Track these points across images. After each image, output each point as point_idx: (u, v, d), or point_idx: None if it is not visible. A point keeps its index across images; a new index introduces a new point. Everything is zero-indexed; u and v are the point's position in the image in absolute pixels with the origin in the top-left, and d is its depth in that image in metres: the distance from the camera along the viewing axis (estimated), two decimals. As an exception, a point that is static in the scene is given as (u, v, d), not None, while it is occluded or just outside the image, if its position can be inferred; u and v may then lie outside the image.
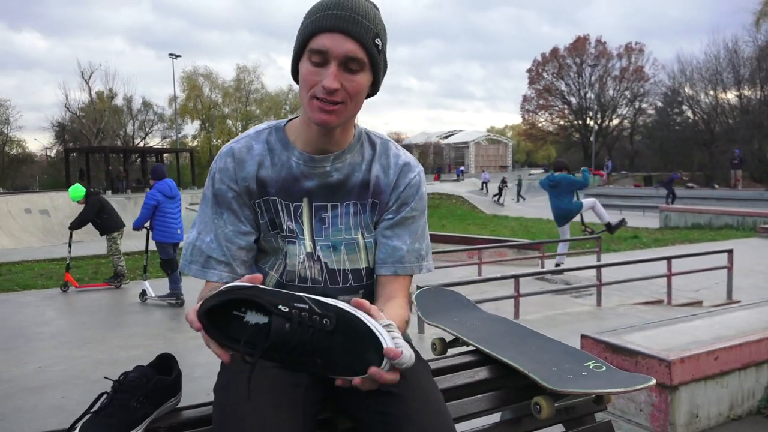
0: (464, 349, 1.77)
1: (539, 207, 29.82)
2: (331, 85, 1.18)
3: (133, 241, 11.29)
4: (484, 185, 39.68)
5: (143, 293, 7.48)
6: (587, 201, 9.28)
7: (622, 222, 9.69)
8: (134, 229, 7.56)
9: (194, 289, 8.17)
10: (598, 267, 6.50)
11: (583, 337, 3.41)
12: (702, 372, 3.07)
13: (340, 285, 1.37)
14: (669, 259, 6.72)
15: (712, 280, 8.10)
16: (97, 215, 8.55)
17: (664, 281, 6.98)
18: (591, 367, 1.49)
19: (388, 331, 1.04)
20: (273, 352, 1.00)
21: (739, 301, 6.89)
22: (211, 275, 1.33)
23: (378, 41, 1.23)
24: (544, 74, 61.43)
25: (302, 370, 1.06)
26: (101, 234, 8.75)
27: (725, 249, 7.21)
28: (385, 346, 1.00)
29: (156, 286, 7.67)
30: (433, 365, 1.50)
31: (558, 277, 8.03)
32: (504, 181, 33.42)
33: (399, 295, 1.35)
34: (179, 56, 45.04)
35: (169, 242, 7.35)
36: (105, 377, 1.28)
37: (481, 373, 1.55)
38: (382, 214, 1.39)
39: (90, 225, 8.61)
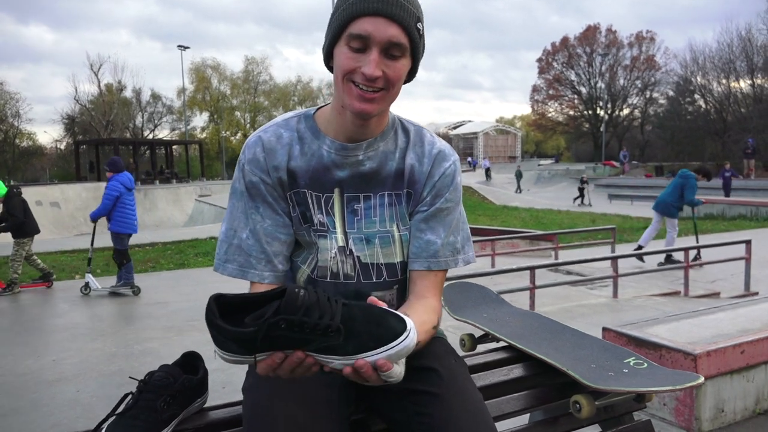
0: (494, 345, 1.71)
1: (549, 197, 29.70)
2: (373, 73, 1.12)
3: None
4: (488, 172, 39.54)
5: (86, 286, 7.51)
6: (672, 233, 9.24)
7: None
8: (92, 220, 7.58)
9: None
10: (614, 258, 6.42)
11: (604, 330, 3.34)
12: (728, 366, 3.01)
13: (374, 280, 1.30)
14: (686, 249, 6.63)
15: (728, 272, 8.00)
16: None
17: (679, 272, 6.90)
18: (632, 363, 1.42)
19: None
20: (291, 324, 0.95)
21: (757, 293, 6.80)
22: (252, 275, 1.27)
23: (420, 25, 1.17)
24: (554, 64, 60.99)
25: (322, 344, 1.00)
26: (14, 237, 8.04)
27: (743, 240, 7.10)
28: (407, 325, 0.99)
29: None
30: (465, 361, 1.45)
31: (574, 267, 7.93)
32: (584, 180, 27.59)
33: (430, 294, 1.29)
34: (188, 48, 45.05)
35: (128, 233, 7.52)
36: (130, 377, 1.23)
37: (515, 371, 1.49)
38: (417, 205, 1.32)
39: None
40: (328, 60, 1.23)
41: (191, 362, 1.32)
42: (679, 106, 46.61)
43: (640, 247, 8.99)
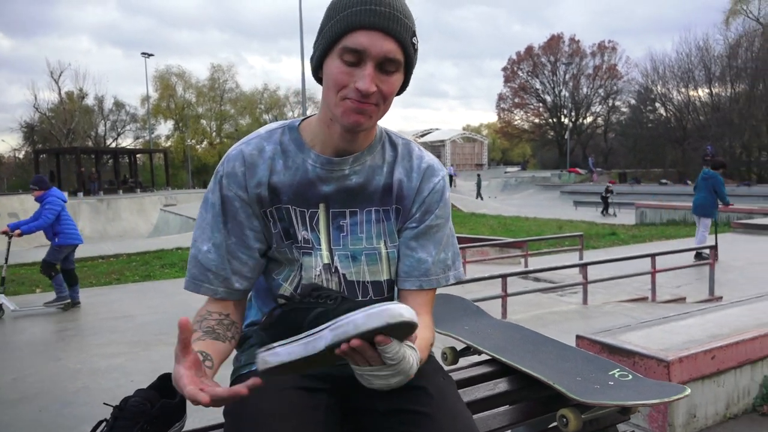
0: (477, 358, 1.69)
1: (517, 205, 30.06)
2: (368, 88, 1.08)
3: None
4: (451, 179, 39.87)
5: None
6: (704, 233, 9.49)
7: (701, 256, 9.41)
8: (25, 233, 7.25)
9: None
10: (584, 265, 6.49)
11: (578, 337, 3.36)
12: (700, 371, 3.05)
13: (360, 298, 1.26)
14: (653, 256, 6.74)
15: (692, 276, 8.18)
16: None
17: (646, 278, 7.02)
18: (616, 375, 1.42)
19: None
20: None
21: (721, 297, 6.95)
22: (205, 289, 1.22)
23: (414, 40, 1.14)
24: (519, 72, 61.88)
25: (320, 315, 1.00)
26: None
27: (707, 246, 7.26)
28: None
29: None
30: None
31: (545, 275, 8.01)
32: (609, 190, 26.16)
33: (423, 311, 1.26)
34: (152, 55, 44.43)
35: (77, 243, 7.40)
36: (105, 403, 1.17)
37: (501, 385, 1.47)
38: (405, 221, 1.29)
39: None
40: (317, 71, 1.19)
41: (168, 385, 1.26)
42: (640, 114, 47.74)
43: (699, 254, 9.14)
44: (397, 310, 0.92)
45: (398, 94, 1.21)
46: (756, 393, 3.27)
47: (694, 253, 8.99)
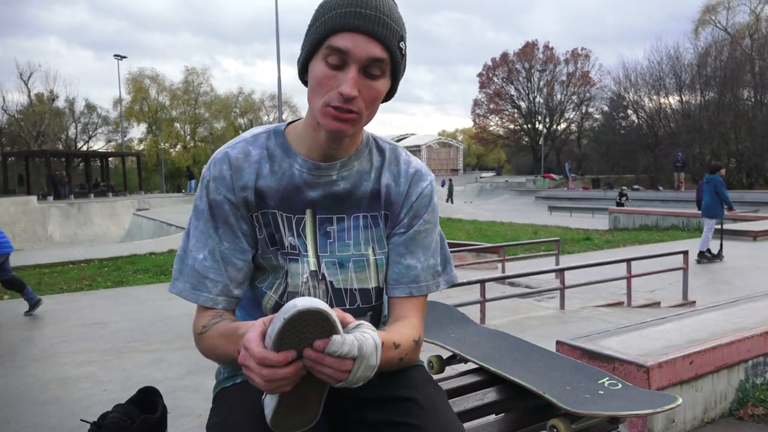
0: (463, 366, 1.67)
1: (492, 210, 30.22)
2: (350, 93, 1.05)
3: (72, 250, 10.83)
4: None
5: None
6: (708, 234, 10.42)
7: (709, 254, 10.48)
8: None
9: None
10: (561, 270, 6.53)
11: (558, 343, 3.36)
12: (678, 377, 3.06)
13: (347, 306, 1.23)
14: (629, 261, 6.81)
15: (665, 281, 8.28)
16: None
17: (621, 283, 7.08)
18: (606, 384, 1.40)
19: (354, 327, 0.94)
20: None
21: (695, 302, 7.05)
22: (204, 299, 1.18)
23: (402, 45, 1.12)
24: (495, 79, 62.49)
25: None
26: None
27: (680, 251, 7.36)
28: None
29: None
30: (437, 387, 1.39)
31: (522, 280, 8.04)
32: (623, 194, 25.75)
33: (411, 314, 1.24)
34: (125, 57, 43.92)
35: (7, 252, 7.06)
36: (82, 420, 1.11)
37: (490, 395, 1.45)
38: (394, 227, 1.26)
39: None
40: (303, 74, 1.16)
41: (148, 399, 1.21)
42: (613, 120, 48.47)
43: (701, 253, 10.26)
44: (290, 304, 0.87)
45: (386, 100, 1.19)
46: (732, 397, 3.31)
47: (696, 254, 10.06)
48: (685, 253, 7.32)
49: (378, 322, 1.31)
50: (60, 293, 9.14)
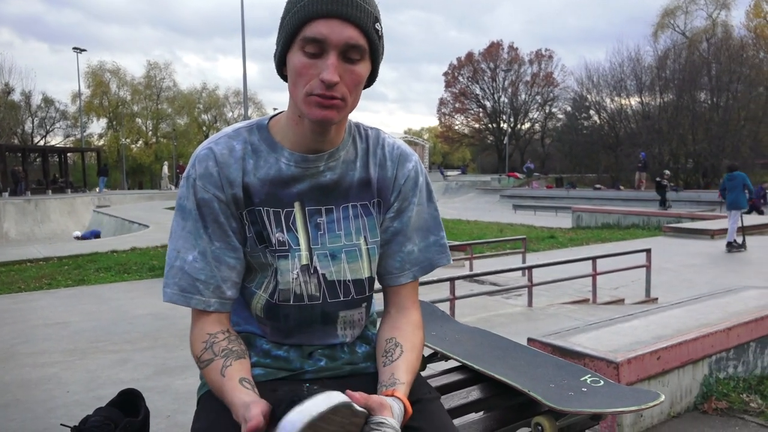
0: (445, 365, 1.67)
1: (458, 208, 30.47)
2: (331, 78, 1.03)
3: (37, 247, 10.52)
4: None
5: None
6: (734, 222, 11.62)
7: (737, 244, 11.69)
8: None
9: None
10: (529, 268, 6.61)
11: (530, 341, 3.40)
12: (646, 372, 3.13)
13: (341, 298, 1.22)
14: (594, 259, 6.94)
15: (628, 278, 8.46)
16: None
17: (586, 280, 7.22)
18: (589, 381, 1.42)
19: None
20: None
21: (656, 299, 7.22)
22: (196, 301, 1.14)
23: (378, 26, 1.10)
24: (460, 78, 62.87)
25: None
26: None
27: (643, 249, 7.53)
28: None
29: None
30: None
31: (490, 277, 8.11)
32: (665, 177, 22.57)
33: (410, 304, 1.27)
34: (84, 50, 42.79)
35: None
36: (62, 424, 1.07)
37: (474, 393, 1.45)
38: (386, 213, 1.26)
39: None
40: (281, 68, 1.14)
41: (130, 401, 1.18)
42: (576, 121, 49.35)
43: (730, 243, 11.55)
44: (307, 410, 0.87)
45: (368, 85, 1.18)
46: (697, 392, 3.40)
47: (725, 243, 11.62)
48: (648, 251, 7.49)
49: (369, 310, 1.31)
50: (18, 292, 8.86)
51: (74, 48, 41.76)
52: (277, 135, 1.19)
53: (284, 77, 1.14)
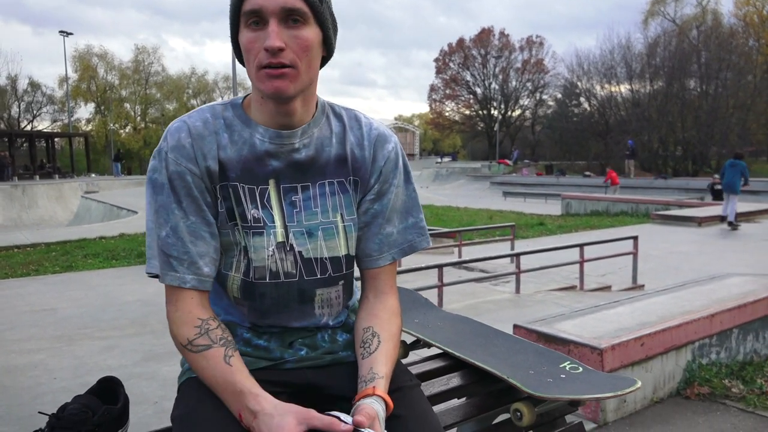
0: (427, 351, 1.68)
1: (447, 195, 30.50)
2: (273, 43, 1.03)
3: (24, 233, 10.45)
4: None
5: None
6: (734, 206, 12.78)
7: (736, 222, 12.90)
8: None
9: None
10: (517, 255, 6.65)
11: (515, 327, 3.43)
12: (630, 358, 3.17)
13: (318, 276, 1.21)
14: (581, 246, 6.98)
15: (616, 266, 8.53)
16: None
17: (574, 267, 7.26)
18: (567, 368, 1.43)
19: None
20: None
21: (643, 286, 7.29)
22: (171, 278, 1.12)
23: None
24: (451, 64, 62.65)
25: None
26: None
27: (630, 236, 7.58)
28: None
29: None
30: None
31: (479, 264, 8.14)
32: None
33: (388, 288, 1.27)
34: (71, 34, 42.28)
35: None
36: (40, 412, 1.07)
37: (454, 380, 1.46)
38: (365, 194, 1.25)
39: None
40: (239, 53, 1.14)
41: (109, 388, 1.17)
42: (566, 108, 49.39)
43: (730, 223, 12.71)
44: None
45: (327, 57, 1.17)
46: (680, 377, 3.44)
47: (726, 222, 12.82)
48: (635, 238, 7.54)
49: (350, 292, 1.30)
50: (4, 278, 8.81)
51: (61, 31, 41.21)
52: (251, 112, 1.19)
53: (242, 62, 1.14)
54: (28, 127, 50.97)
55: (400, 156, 1.29)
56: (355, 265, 1.29)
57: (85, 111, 57.85)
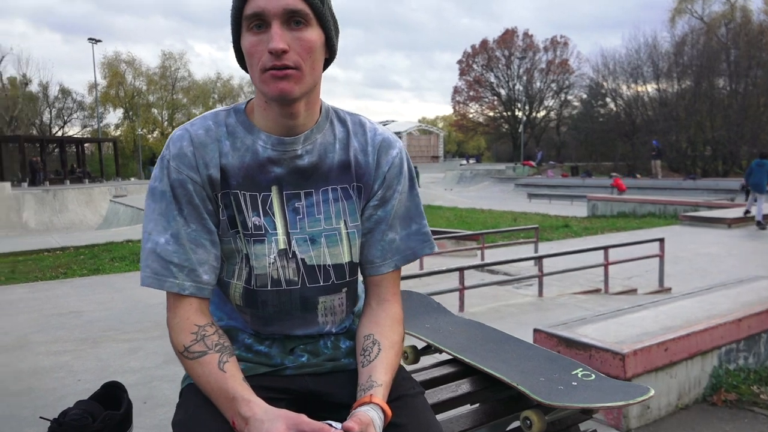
0: (438, 357, 1.65)
1: (471, 197, 30.34)
2: (277, 45, 1.02)
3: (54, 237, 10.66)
4: None
5: None
6: (761, 202, 12.91)
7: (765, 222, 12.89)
8: None
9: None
10: (539, 258, 6.57)
11: (536, 331, 3.38)
12: (653, 363, 3.10)
13: (321, 283, 1.20)
14: (606, 248, 6.87)
15: (642, 268, 8.38)
16: None
17: (598, 270, 7.15)
18: (580, 375, 1.40)
19: None
20: None
21: (670, 289, 7.15)
22: (170, 284, 1.11)
23: None
24: (474, 66, 62.42)
25: None
26: None
27: (657, 238, 7.44)
28: None
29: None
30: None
31: (501, 267, 8.08)
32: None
33: (391, 296, 1.25)
34: (99, 41, 43.04)
35: None
36: (41, 417, 1.08)
37: (463, 386, 1.44)
38: (368, 200, 1.23)
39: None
40: (242, 59, 1.13)
41: (112, 393, 1.17)
42: (591, 108, 48.81)
43: (759, 223, 12.70)
44: None
45: (330, 59, 1.16)
46: (706, 383, 3.36)
47: (755, 222, 12.80)
48: (661, 240, 7.40)
49: (354, 299, 1.29)
50: (34, 281, 8.99)
51: (89, 39, 42.01)
52: (254, 119, 1.18)
53: (246, 69, 1.13)
54: (59, 133, 52.09)
55: (405, 162, 1.27)
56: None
57: (113, 116, 59.13)
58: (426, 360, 1.68)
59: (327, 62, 1.17)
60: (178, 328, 1.12)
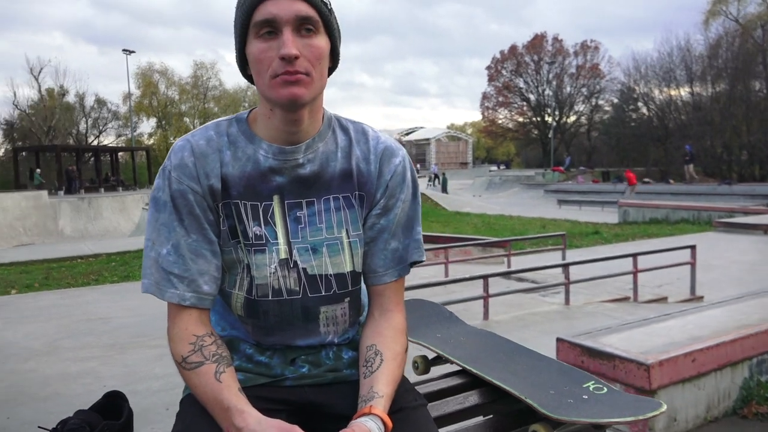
0: (448, 368, 1.63)
1: (500, 203, 30.09)
2: (290, 51, 1.02)
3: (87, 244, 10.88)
4: (435, 178, 40.10)
5: None
6: None
7: None
8: None
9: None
10: (566, 265, 6.47)
11: (558, 340, 3.32)
12: (680, 375, 3.01)
13: (323, 293, 1.19)
14: (635, 255, 6.73)
15: (674, 276, 8.19)
16: None
17: (628, 277, 7.01)
18: (591, 389, 1.36)
19: None
20: None
21: (702, 297, 6.97)
22: (171, 295, 1.12)
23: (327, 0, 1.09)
24: (503, 71, 62.07)
25: None
26: None
27: (688, 245, 7.27)
28: None
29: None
30: (418, 389, 1.36)
31: (528, 275, 7.98)
32: None
33: (394, 306, 1.23)
34: (133, 52, 44.01)
35: None
36: (40, 427, 1.08)
37: (471, 398, 1.41)
38: (371, 209, 1.22)
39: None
40: (245, 68, 1.13)
41: (114, 403, 1.18)
42: (623, 113, 48.09)
43: None
44: None
45: (333, 67, 1.15)
46: (736, 395, 3.25)
47: None
48: (693, 247, 7.22)
49: (357, 309, 1.27)
50: (66, 288, 9.19)
51: (124, 50, 42.95)
52: (255, 128, 1.18)
53: (248, 77, 1.13)
54: (95, 142, 53.31)
55: (408, 170, 1.25)
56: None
57: (147, 125, 60.19)
58: (436, 370, 1.66)
59: (330, 70, 1.16)
60: (177, 338, 1.13)
